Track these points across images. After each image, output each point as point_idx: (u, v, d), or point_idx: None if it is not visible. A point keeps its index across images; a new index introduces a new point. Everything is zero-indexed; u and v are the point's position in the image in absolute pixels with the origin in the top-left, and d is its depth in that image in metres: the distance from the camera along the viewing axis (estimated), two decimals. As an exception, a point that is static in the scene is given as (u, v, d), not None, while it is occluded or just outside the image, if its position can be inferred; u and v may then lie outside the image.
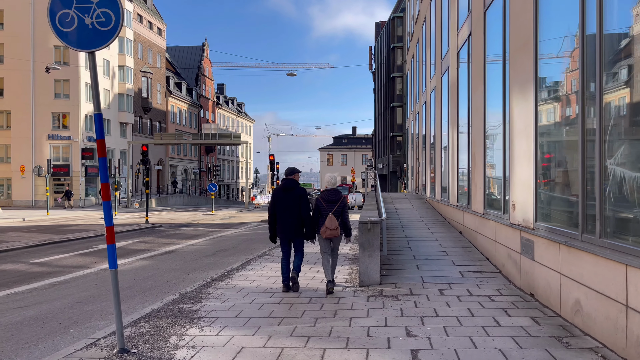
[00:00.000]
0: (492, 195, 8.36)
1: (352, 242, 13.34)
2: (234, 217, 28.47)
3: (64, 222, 24.48)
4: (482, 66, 8.68)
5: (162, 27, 56.74)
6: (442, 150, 13.82)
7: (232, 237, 16.70)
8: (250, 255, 11.32)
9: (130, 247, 13.80)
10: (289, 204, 6.70)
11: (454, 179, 11.71)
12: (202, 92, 66.33)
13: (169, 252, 12.92)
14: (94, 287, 8.27)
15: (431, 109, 16.30)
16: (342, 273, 8.26)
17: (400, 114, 51.42)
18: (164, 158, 56.13)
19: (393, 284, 6.93)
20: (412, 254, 8.82)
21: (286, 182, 6.86)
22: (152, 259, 11.53)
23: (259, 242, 14.95)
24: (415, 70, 22.56)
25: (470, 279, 7.11)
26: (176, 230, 19.50)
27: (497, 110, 7.89)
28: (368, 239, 6.96)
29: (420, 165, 19.79)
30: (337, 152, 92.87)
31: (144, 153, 20.90)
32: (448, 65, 12.60)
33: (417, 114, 21.00)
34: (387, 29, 53.43)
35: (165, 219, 27.33)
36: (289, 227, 6.72)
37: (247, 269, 9.09)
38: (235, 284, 7.53)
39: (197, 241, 15.51)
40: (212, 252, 12.68)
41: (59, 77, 39.89)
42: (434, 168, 15.43)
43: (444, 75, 13.31)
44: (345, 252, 11.09)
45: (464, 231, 10.49)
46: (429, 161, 16.72)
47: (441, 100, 13.91)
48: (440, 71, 13.95)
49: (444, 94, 13.44)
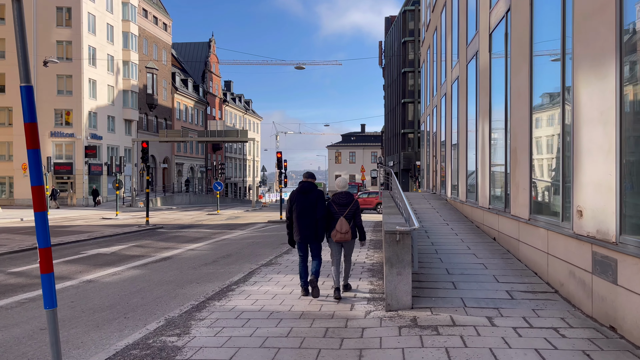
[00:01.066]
0: (543, 198, 6.99)
1: (367, 247, 12.05)
2: (239, 218, 27.26)
3: (63, 222, 23.41)
4: (526, 43, 7.31)
5: (167, 22, 55.68)
6: (468, 146, 12.44)
7: (236, 241, 15.45)
8: (255, 264, 10.05)
9: (123, 253, 12.59)
10: (306, 207, 6.62)
11: (484, 178, 10.34)
12: (208, 89, 65.24)
13: (165, 258, 11.68)
14: (68, 306, 7.03)
15: (453, 101, 14.91)
16: (361, 289, 6.95)
17: (411, 110, 49.92)
18: (170, 156, 55.12)
19: (428, 308, 5.61)
20: (444, 266, 7.48)
21: (304, 185, 6.77)
22: (145, 268, 10.29)
23: (264, 247, 13.68)
24: (431, 61, 21.15)
25: (523, 302, 5.76)
26: (177, 232, 18.29)
27: (550, 94, 6.52)
28: (396, 253, 5.64)
29: (439, 163, 18.41)
30: (345, 150, 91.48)
31: (144, 150, 19.71)
32: (476, 51, 11.22)
33: (435, 108, 19.61)
34: (398, 22, 51.92)
35: (169, 219, 26.18)
36: (308, 229, 6.61)
37: (249, 282, 7.81)
38: (234, 305, 6.25)
39: (198, 245, 14.27)
40: (213, 259, 11.42)
41: (62, 72, 38.94)
42: (456, 166, 14.06)
43: (471, 63, 11.93)
44: (362, 261, 9.77)
45: (499, 238, 9.13)
46: (450, 158, 15.35)
47: (466, 90, 12.53)
48: (466, 58, 12.56)
49: (470, 83, 12.06)
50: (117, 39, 44.45)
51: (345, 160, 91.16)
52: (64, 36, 39.07)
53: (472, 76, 11.91)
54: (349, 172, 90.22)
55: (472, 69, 11.85)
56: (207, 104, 64.16)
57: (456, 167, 14.21)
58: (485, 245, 9.02)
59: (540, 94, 6.97)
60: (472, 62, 11.84)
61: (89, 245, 14.06)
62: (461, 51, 13.27)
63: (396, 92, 54.08)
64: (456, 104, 14.16)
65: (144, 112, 49.53)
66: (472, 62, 11.84)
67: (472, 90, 11.82)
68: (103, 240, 15.34)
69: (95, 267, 10.37)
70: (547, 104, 6.78)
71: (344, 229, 6.40)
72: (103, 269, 10.14)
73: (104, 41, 42.27)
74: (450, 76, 15.33)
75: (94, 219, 26.12)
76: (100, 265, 10.61)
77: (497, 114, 9.43)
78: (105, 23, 42.60)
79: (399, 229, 5.60)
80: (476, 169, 11.39)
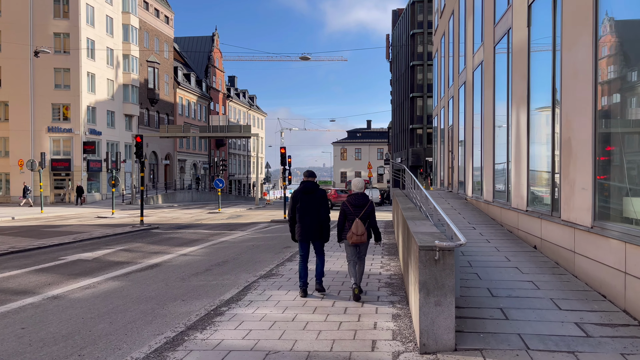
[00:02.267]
0: (615, 201, 5.52)
1: (381, 254, 10.65)
2: (241, 216, 25.88)
3: (55, 221, 22.14)
4: (589, 5, 5.82)
5: (169, 15, 54.32)
6: (495, 139, 10.96)
7: (235, 244, 14.06)
8: (253, 275, 8.66)
9: (107, 259, 11.22)
10: (309, 206, 6.69)
11: (520, 176, 8.87)
12: (212, 84, 63.88)
13: (152, 266, 10.30)
14: (15, 335, 5.64)
15: (475, 90, 13.43)
16: (382, 313, 5.54)
17: (420, 105, 48.33)
18: (172, 152, 53.88)
19: (477, 350, 4.17)
20: (485, 285, 6.03)
21: (306, 184, 6.81)
22: (127, 279, 8.91)
23: (265, 252, 12.28)
24: (446, 50, 19.63)
25: (603, 341, 4.31)
26: (172, 234, 16.93)
27: (627, 64, 5.05)
28: (435, 277, 4.21)
29: (456, 159, 16.92)
30: (351, 146, 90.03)
31: (138, 145, 18.34)
32: (508, 28, 9.73)
33: (451, 100, 18.11)
34: (407, 14, 50.27)
35: (167, 218, 24.85)
36: (309, 229, 6.69)
37: (243, 302, 6.41)
38: (219, 340, 4.84)
39: (193, 249, 12.89)
40: (206, 268, 10.03)
41: (59, 66, 37.69)
42: (479, 162, 12.58)
43: (500, 43, 10.44)
44: (376, 272, 8.36)
45: (542, 247, 7.67)
46: (471, 154, 13.86)
47: (493, 76, 11.04)
48: (493, 40, 11.07)
49: (499, 67, 10.58)
50: (117, 32, 43.13)
51: (351, 157, 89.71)
52: (61, 28, 37.79)
53: (501, 59, 10.42)
54: (355, 169, 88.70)
55: (502, 50, 10.36)
56: (210, 99, 62.82)
57: (479, 163, 12.74)
58: (527, 256, 7.55)
59: (612, 69, 5.50)
60: (501, 42, 10.35)
61: (72, 249, 12.71)
62: (487, 32, 11.77)
63: (404, 86, 52.48)
64: (479, 92, 12.67)
65: (145, 107, 48.26)
66: (501, 42, 10.35)
67: (502, 75, 10.34)
68: (89, 243, 14.00)
69: (69, 277, 9.00)
70: (624, 78, 5.31)
71: (359, 231, 6.31)
72: (77, 280, 8.77)
73: (103, 33, 40.96)
74: (472, 62, 13.84)
75: (88, 217, 24.85)
76: (76, 275, 9.24)
77: (539, 100, 7.95)
78: (105, 15, 41.28)
79: (439, 244, 4.16)
80: (507, 164, 9.93)
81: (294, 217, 6.81)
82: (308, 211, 6.67)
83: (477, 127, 13.06)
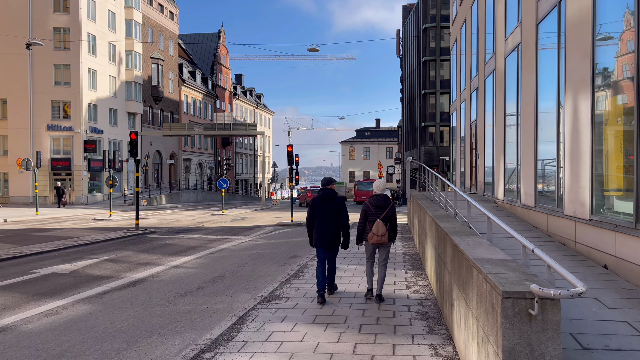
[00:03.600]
0: None
1: (404, 268, 9.07)
2: (246, 219, 24.37)
3: (48, 224, 20.78)
4: None
5: (174, 10, 52.98)
6: (539, 133, 9.32)
7: (236, 253, 12.53)
8: (252, 298, 7.12)
9: (86, 272, 9.72)
10: (327, 214, 6.70)
11: (581, 177, 7.22)
12: (218, 81, 62.53)
13: (136, 282, 8.79)
14: None
15: (508, 77, 11.78)
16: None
17: (433, 102, 46.55)
18: (177, 151, 52.57)
19: None
20: (565, 328, 4.40)
21: (325, 192, 6.84)
22: (100, 301, 7.39)
23: (269, 263, 10.73)
24: (469, 38, 17.95)
25: None
26: (169, 239, 15.44)
27: None
28: (529, 341, 2.63)
29: (481, 157, 15.26)
30: (359, 145, 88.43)
31: (133, 142, 16.86)
32: (557, 1, 8.09)
33: (475, 92, 16.44)
34: (419, 8, 48.52)
35: (167, 220, 23.40)
36: (327, 236, 6.70)
37: (236, 343, 4.87)
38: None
39: (187, 259, 11.37)
40: (198, 285, 8.50)
41: (59, 62, 36.45)
42: (517, 160, 10.93)
43: (547, 19, 8.79)
44: (402, 294, 6.78)
45: (617, 267, 6.04)
46: (502, 151, 12.21)
47: (536, 57, 9.39)
48: (536, 16, 9.41)
49: (546, 46, 8.94)
50: (120, 27, 41.84)
51: (359, 156, 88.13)
52: (61, 22, 36.54)
53: (548, 36, 8.78)
54: (363, 169, 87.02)
55: (549, 26, 8.71)
56: (217, 97, 61.45)
57: (514, 161, 11.09)
58: (601, 280, 5.91)
59: None
60: (548, 17, 8.70)
61: (50, 260, 11.23)
62: (525, 9, 10.11)
63: (415, 83, 50.72)
64: (514, 79, 11.02)
65: (149, 105, 46.96)
66: (548, 17, 8.70)
67: (548, 56, 8.70)
68: (73, 252, 12.53)
69: (32, 299, 7.50)
70: None
71: (380, 232, 6.37)
72: (40, 302, 7.27)
73: (105, 29, 39.67)
74: (503, 47, 12.18)
75: (84, 219, 23.50)
76: (41, 295, 7.74)
77: (611, 76, 6.31)
78: (107, 9, 39.99)
79: (541, 292, 2.55)
80: (557, 162, 8.29)
81: (312, 224, 6.81)
82: (326, 218, 6.68)
83: (511, 119, 11.40)
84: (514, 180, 11.28)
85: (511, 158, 11.51)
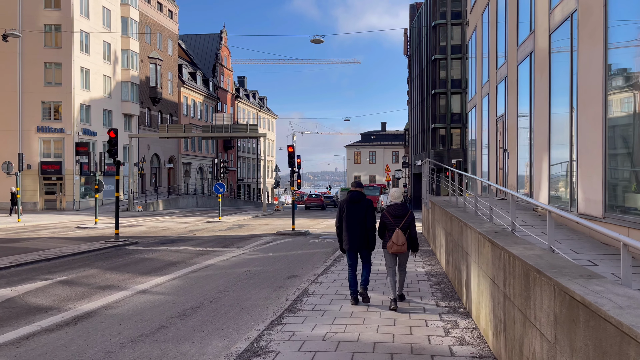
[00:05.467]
0: None
1: (429, 281, 6.93)
2: (243, 226, 22.24)
3: (25, 232, 18.75)
4: None
5: (173, 9, 51.22)
6: (607, 121, 7.15)
7: (223, 271, 10.40)
8: (227, 350, 4.98)
9: (24, 301, 7.61)
10: (356, 216, 6.70)
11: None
12: (219, 83, 60.67)
13: (80, 318, 6.66)
14: None
15: (554, 58, 9.62)
16: None
17: (443, 103, 44.35)
18: (177, 155, 50.66)
19: None
20: None
21: (353, 194, 6.84)
22: (12, 354, 5.27)
23: (260, 286, 8.60)
24: (493, 22, 15.81)
25: None
26: (149, 252, 13.34)
27: None
28: None
29: (513, 157, 13.08)
30: (365, 149, 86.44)
31: (111, 141, 14.77)
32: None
33: (503, 82, 14.29)
34: (427, 5, 46.45)
35: (157, 228, 21.31)
36: (356, 238, 6.71)
37: None
38: None
39: (160, 281, 9.25)
40: (160, 323, 6.36)
41: (50, 60, 34.67)
42: (572, 157, 8.75)
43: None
44: (441, 348, 4.61)
45: None
46: (548, 147, 10.03)
47: (604, 23, 7.22)
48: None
49: (617, 9, 6.78)
50: (115, 25, 40.03)
51: (365, 161, 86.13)
52: (52, 19, 34.76)
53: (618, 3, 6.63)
54: (369, 173, 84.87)
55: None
56: (218, 100, 59.57)
57: (567, 157, 8.92)
58: None
59: None
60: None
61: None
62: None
63: (424, 83, 48.57)
64: (567, 57, 8.86)
65: (147, 107, 45.10)
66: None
67: (622, 16, 6.56)
68: (27, 270, 10.43)
69: None
70: None
71: (400, 241, 6.42)
72: None
73: (99, 26, 37.86)
74: (547, 22, 10.02)
75: (67, 227, 21.49)
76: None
77: None
78: (101, 6, 38.20)
79: None
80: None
81: (340, 226, 6.83)
82: (355, 220, 6.70)
83: (561, 106, 9.24)
84: (565, 183, 9.10)
85: (561, 155, 9.34)
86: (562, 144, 9.19)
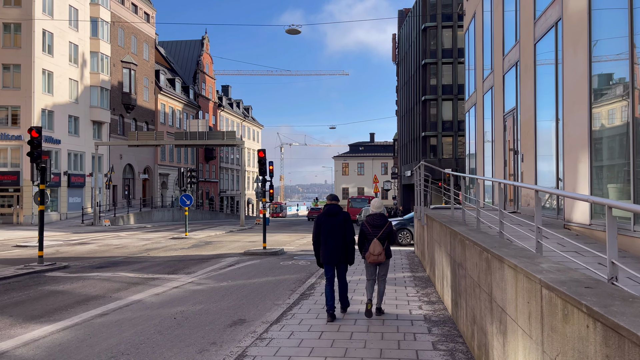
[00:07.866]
0: None
1: (426, 324, 4.16)
2: (210, 244, 19.36)
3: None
4: None
5: (150, 12, 48.58)
6: None
7: (146, 313, 7.57)
8: None
9: None
10: (333, 229, 6.64)
11: None
12: (201, 91, 57.97)
13: None
14: None
15: (596, 21, 7.09)
16: None
17: (434, 109, 42.04)
18: (152, 165, 47.61)
19: None
20: None
21: (330, 207, 6.79)
22: None
23: (184, 344, 5.79)
24: (498, 3, 13.36)
25: None
26: (69, 283, 10.43)
27: None
28: None
29: (529, 161, 10.48)
30: (353, 160, 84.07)
31: (34, 142, 11.97)
32: None
33: (513, 69, 11.77)
34: (417, 8, 44.38)
35: (109, 246, 18.32)
36: (334, 252, 6.63)
37: None
38: None
39: (40, 333, 6.41)
40: None
41: (8, 62, 31.77)
42: (623, 154, 6.16)
43: None
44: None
45: None
46: (590, 144, 7.43)
47: None
48: None
49: None
50: (83, 25, 37.24)
51: (353, 172, 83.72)
52: (11, 17, 31.92)
53: None
54: (357, 185, 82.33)
55: None
56: (199, 108, 56.78)
57: (623, 156, 6.32)
58: None
59: None
60: None
61: None
62: None
63: (414, 89, 46.33)
64: (607, 26, 6.32)
65: (119, 114, 42.14)
66: None
67: None
68: None
69: None
70: None
71: (376, 251, 6.50)
72: None
73: (65, 26, 35.03)
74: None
75: (6, 246, 18.48)
76: None
77: None
78: (67, 5, 35.42)
79: None
80: None
81: (318, 240, 6.75)
82: (332, 234, 6.61)
83: (605, 87, 6.67)
84: (619, 191, 6.49)
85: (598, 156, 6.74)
86: (616, 136, 6.59)
